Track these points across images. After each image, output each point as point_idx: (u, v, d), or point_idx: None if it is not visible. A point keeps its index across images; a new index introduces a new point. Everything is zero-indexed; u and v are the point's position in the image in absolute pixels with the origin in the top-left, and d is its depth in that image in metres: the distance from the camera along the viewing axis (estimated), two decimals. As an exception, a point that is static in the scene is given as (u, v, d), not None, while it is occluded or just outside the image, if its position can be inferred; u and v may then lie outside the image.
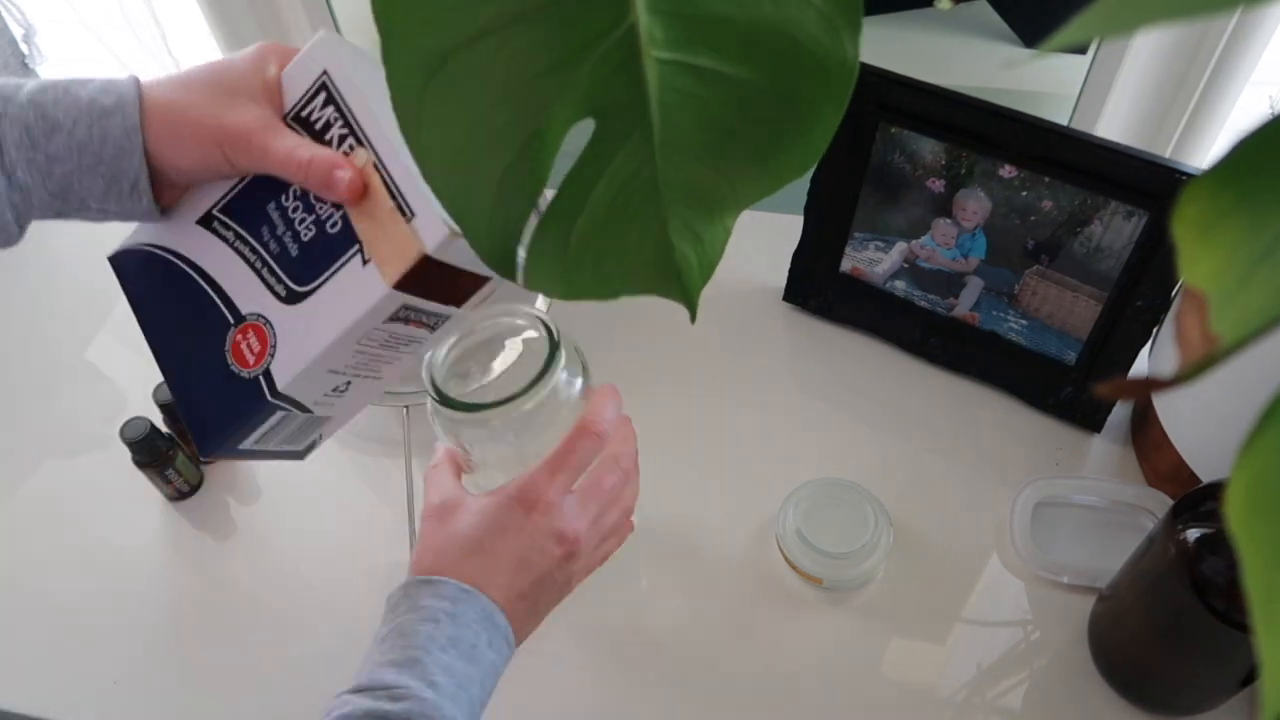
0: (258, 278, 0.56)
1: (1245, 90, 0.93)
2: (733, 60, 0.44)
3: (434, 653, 0.54)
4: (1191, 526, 0.61)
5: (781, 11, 0.43)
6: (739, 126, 0.47)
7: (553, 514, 0.59)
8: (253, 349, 0.56)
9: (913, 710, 0.73)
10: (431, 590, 0.57)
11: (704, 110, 0.46)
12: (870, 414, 0.90)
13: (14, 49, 1.10)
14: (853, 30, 0.43)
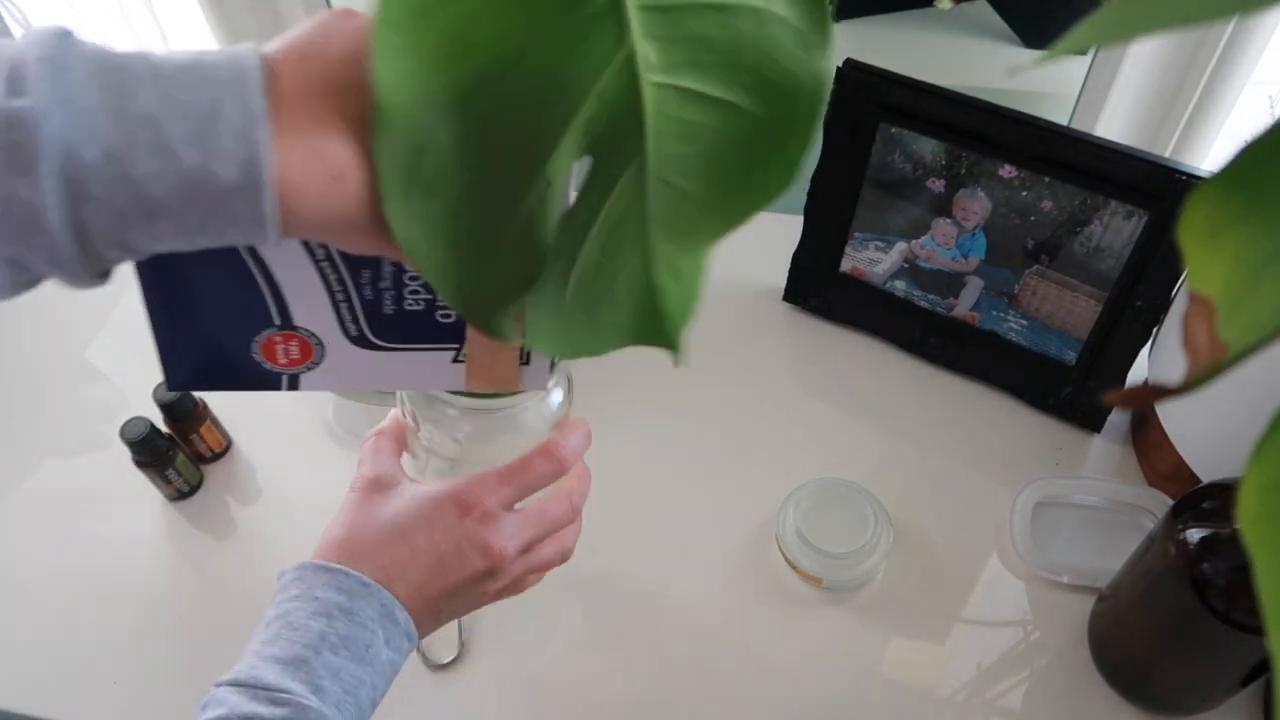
0: (332, 307, 0.51)
1: (1245, 90, 0.93)
2: (718, 80, 0.44)
3: (323, 653, 0.51)
4: (1191, 526, 0.61)
5: (762, 30, 0.43)
6: (724, 150, 0.47)
7: (487, 524, 0.55)
8: (289, 354, 0.53)
9: (913, 710, 0.73)
10: (329, 580, 0.53)
11: (694, 135, 0.46)
12: (870, 414, 0.90)
13: (13, 48, 1.10)
14: (824, 48, 0.43)
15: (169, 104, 0.36)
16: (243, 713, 0.48)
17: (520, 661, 0.77)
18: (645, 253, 0.49)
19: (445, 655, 0.77)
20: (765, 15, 0.42)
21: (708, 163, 0.47)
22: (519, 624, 0.79)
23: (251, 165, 0.37)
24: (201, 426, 0.87)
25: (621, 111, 0.43)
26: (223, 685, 0.50)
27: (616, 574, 0.81)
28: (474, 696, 0.76)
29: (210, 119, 0.36)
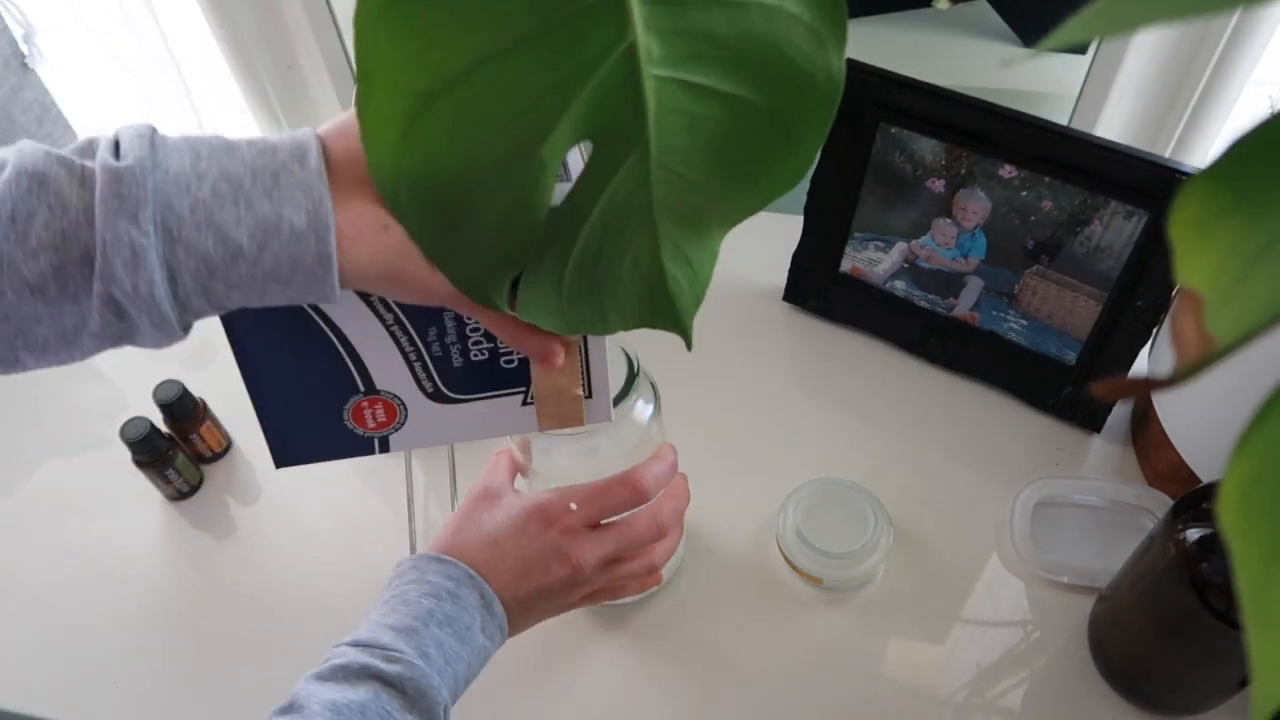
0: (407, 368, 0.55)
1: (1245, 90, 0.93)
2: (726, 75, 0.44)
3: (431, 627, 0.57)
4: (1191, 526, 0.61)
5: (772, 27, 0.42)
6: (731, 143, 0.47)
7: (566, 537, 0.61)
8: (377, 418, 0.57)
9: (913, 710, 0.73)
10: (441, 568, 0.59)
11: (698, 127, 0.46)
12: (870, 414, 0.90)
13: (14, 49, 1.10)
14: (839, 44, 0.43)
15: (244, 166, 0.44)
16: (361, 662, 0.55)
17: (518, 661, 0.77)
18: (652, 238, 0.49)
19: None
20: (776, 12, 0.42)
21: (716, 155, 0.47)
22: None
23: (317, 211, 0.43)
24: (201, 426, 0.87)
25: (621, 102, 0.43)
26: (343, 645, 0.57)
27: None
28: (473, 696, 0.75)
29: (280, 176, 0.44)
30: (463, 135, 0.41)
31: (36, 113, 1.15)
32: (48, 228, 0.43)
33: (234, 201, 0.43)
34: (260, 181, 0.43)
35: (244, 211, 0.43)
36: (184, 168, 0.43)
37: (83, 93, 1.25)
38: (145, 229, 0.42)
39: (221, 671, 0.79)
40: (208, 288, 0.44)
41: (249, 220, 0.43)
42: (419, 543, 0.83)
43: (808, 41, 0.43)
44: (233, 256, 0.43)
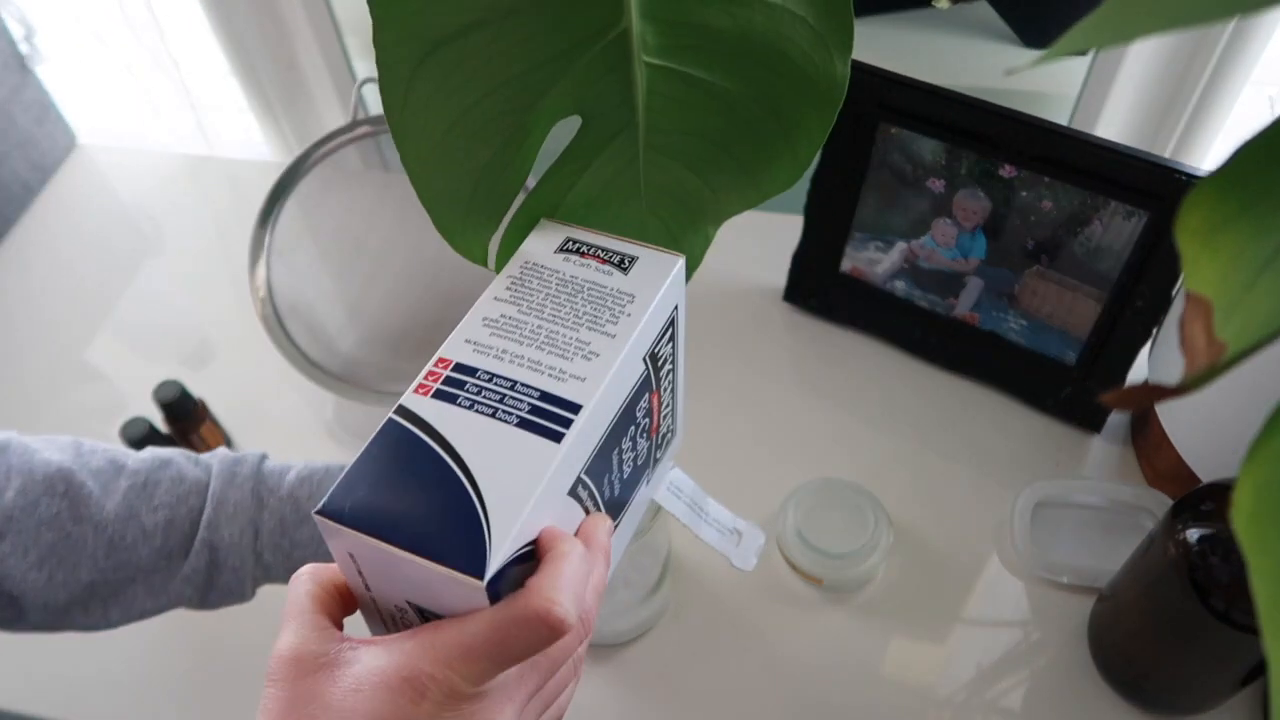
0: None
1: (1245, 90, 0.93)
2: (723, 71, 0.44)
3: None
4: (1191, 526, 0.61)
5: (774, 26, 0.42)
6: (726, 136, 0.47)
7: (454, 707, 0.38)
8: None
9: (913, 710, 0.73)
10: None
11: (692, 117, 0.46)
12: (870, 414, 0.90)
13: (14, 49, 1.10)
14: (844, 48, 0.43)
15: (324, 469, 0.64)
16: None
17: (520, 661, 0.77)
18: (639, 215, 0.50)
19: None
20: (779, 11, 0.42)
21: (711, 147, 0.48)
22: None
23: None
24: (202, 426, 0.87)
25: (611, 85, 0.44)
26: None
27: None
28: (474, 696, 0.75)
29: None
30: (458, 88, 0.42)
31: (36, 113, 1.15)
32: (169, 491, 0.60)
33: (309, 484, 0.62)
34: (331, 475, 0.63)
35: (316, 490, 0.61)
36: (282, 467, 0.64)
37: (83, 93, 1.25)
38: (245, 493, 0.61)
39: (221, 671, 0.79)
40: (278, 544, 0.61)
41: (319, 496, 0.57)
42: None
43: (810, 43, 0.43)
44: (301, 520, 0.60)
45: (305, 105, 1.19)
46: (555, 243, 0.46)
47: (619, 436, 0.45)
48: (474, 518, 0.37)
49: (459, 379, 0.41)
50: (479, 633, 0.37)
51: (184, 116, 1.32)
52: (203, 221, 1.15)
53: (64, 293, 1.08)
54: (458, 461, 0.39)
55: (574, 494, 0.42)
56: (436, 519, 0.37)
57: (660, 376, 0.48)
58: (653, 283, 0.45)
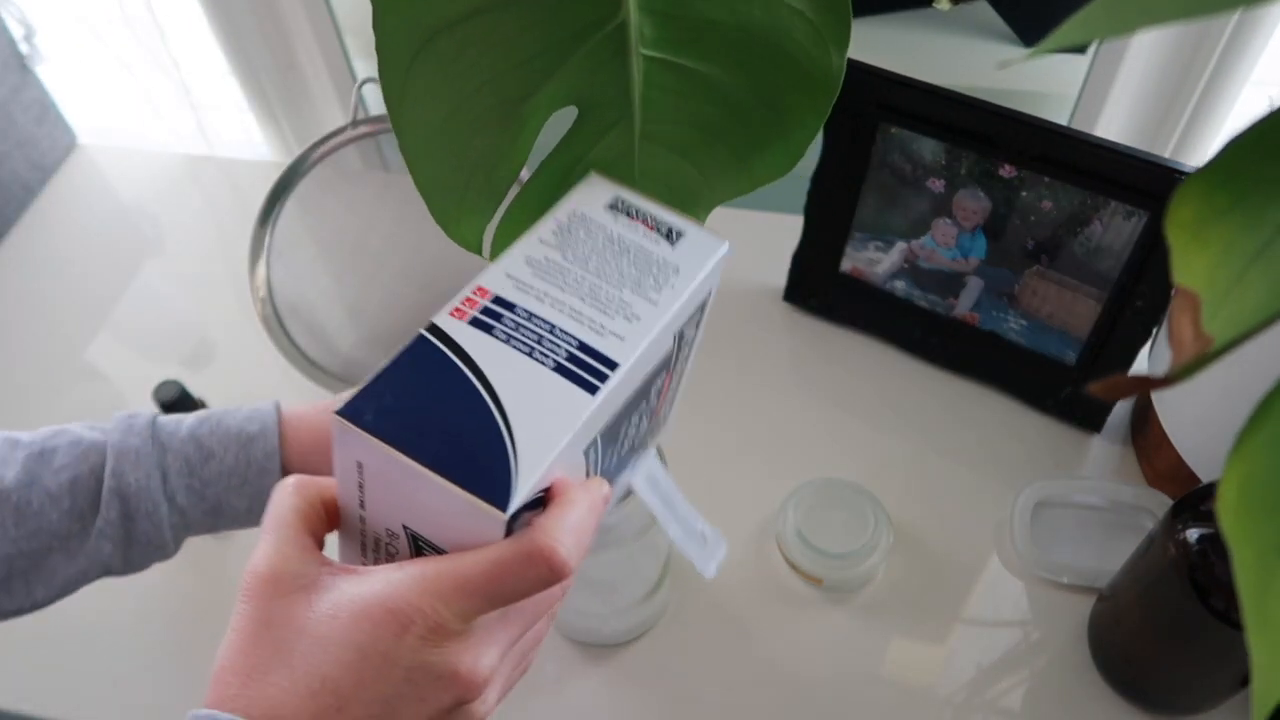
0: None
1: (1245, 90, 0.93)
2: (719, 63, 0.44)
3: None
4: (1191, 526, 0.61)
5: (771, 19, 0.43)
6: (721, 126, 0.47)
7: (438, 642, 0.37)
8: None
9: (913, 710, 0.73)
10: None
11: (688, 108, 0.46)
12: (870, 414, 0.90)
13: (14, 49, 1.10)
14: (840, 42, 0.43)
15: (223, 421, 0.62)
16: None
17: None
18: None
19: (444, 655, 0.77)
20: (777, 5, 0.42)
21: (706, 136, 0.48)
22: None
23: (265, 428, 0.61)
24: (201, 426, 0.87)
25: (608, 77, 0.44)
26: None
27: (616, 574, 0.81)
28: None
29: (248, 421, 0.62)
30: (456, 76, 0.42)
31: (36, 113, 1.15)
32: (67, 453, 0.58)
33: (208, 423, 0.61)
34: (231, 425, 0.61)
35: (216, 427, 0.60)
36: (176, 418, 0.61)
37: (83, 93, 1.25)
38: (144, 439, 0.59)
39: (221, 671, 0.79)
40: (188, 485, 0.59)
41: (219, 433, 0.60)
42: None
43: (808, 37, 0.43)
44: (206, 457, 0.59)
45: (305, 105, 1.19)
46: (605, 199, 0.46)
47: (632, 409, 0.45)
48: (501, 449, 0.36)
49: (497, 311, 0.40)
50: (479, 568, 0.36)
51: (184, 116, 1.32)
52: (203, 221, 1.15)
53: (64, 293, 1.08)
54: (489, 391, 0.37)
55: (587, 454, 0.41)
56: (464, 443, 0.36)
57: (679, 359, 0.48)
58: (698, 261, 0.44)
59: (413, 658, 0.36)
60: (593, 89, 0.45)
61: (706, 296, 0.46)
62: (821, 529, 0.78)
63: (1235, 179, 0.20)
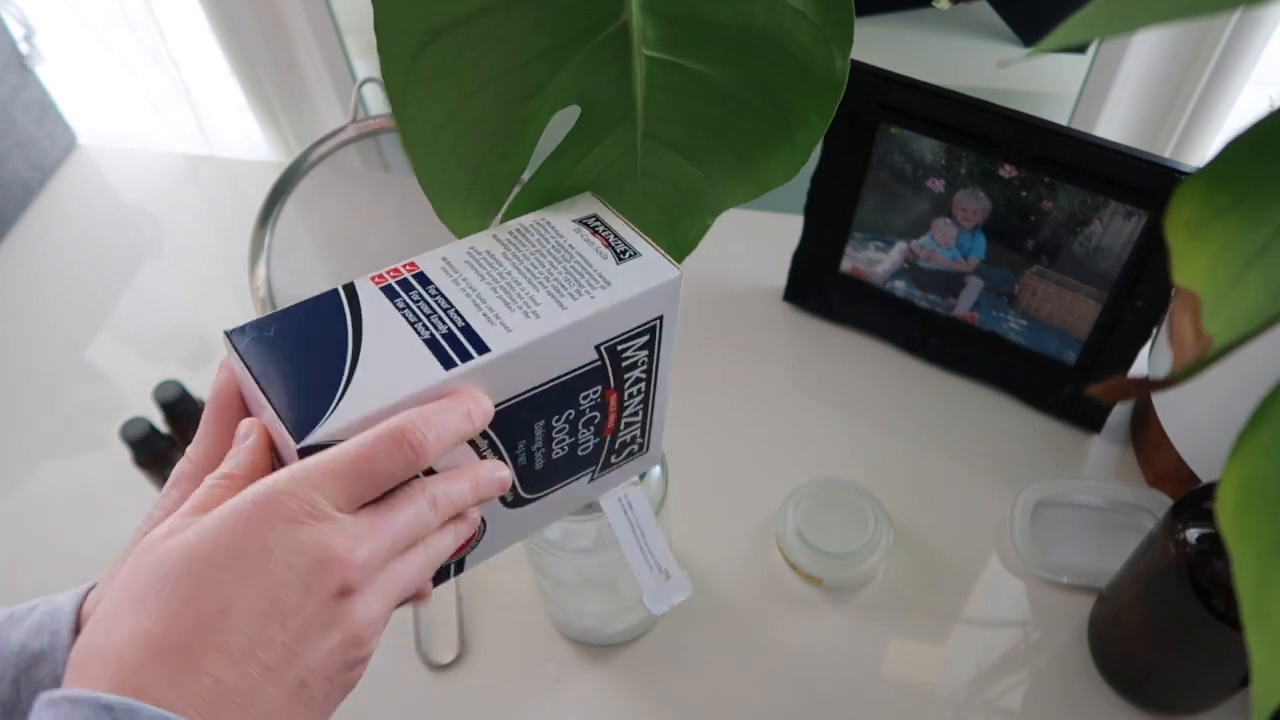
0: None
1: (1245, 90, 0.93)
2: (722, 64, 0.45)
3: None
4: (1191, 526, 0.61)
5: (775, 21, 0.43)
6: (724, 127, 0.48)
7: (314, 523, 0.37)
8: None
9: (913, 710, 0.73)
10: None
11: (690, 109, 0.46)
12: (870, 414, 0.90)
13: (14, 49, 1.10)
14: (844, 44, 0.43)
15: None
16: None
17: (520, 661, 0.77)
18: (635, 204, 0.51)
19: (445, 655, 0.77)
20: (780, 6, 0.42)
21: (711, 138, 0.48)
22: (518, 624, 0.79)
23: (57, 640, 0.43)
24: (201, 426, 0.87)
25: (610, 78, 0.44)
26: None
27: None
28: (474, 696, 0.75)
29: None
30: (458, 76, 0.42)
31: (36, 113, 1.15)
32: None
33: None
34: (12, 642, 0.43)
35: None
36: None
37: (83, 93, 1.25)
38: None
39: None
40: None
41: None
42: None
43: (811, 38, 0.43)
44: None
45: (305, 105, 1.19)
46: (580, 214, 0.47)
47: (547, 411, 0.46)
48: (331, 392, 0.39)
49: (411, 284, 0.43)
50: (343, 451, 0.38)
51: (184, 116, 1.32)
52: (203, 221, 1.15)
53: (64, 293, 1.08)
54: (355, 345, 0.41)
55: (476, 443, 0.44)
56: (305, 379, 0.40)
57: (624, 378, 0.48)
58: (637, 281, 0.45)
59: (290, 543, 0.36)
60: (595, 89, 0.45)
61: (653, 320, 0.46)
62: (821, 529, 0.78)
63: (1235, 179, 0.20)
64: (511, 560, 0.82)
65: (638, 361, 0.48)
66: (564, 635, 0.78)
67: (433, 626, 0.79)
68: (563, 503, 0.53)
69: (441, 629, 0.78)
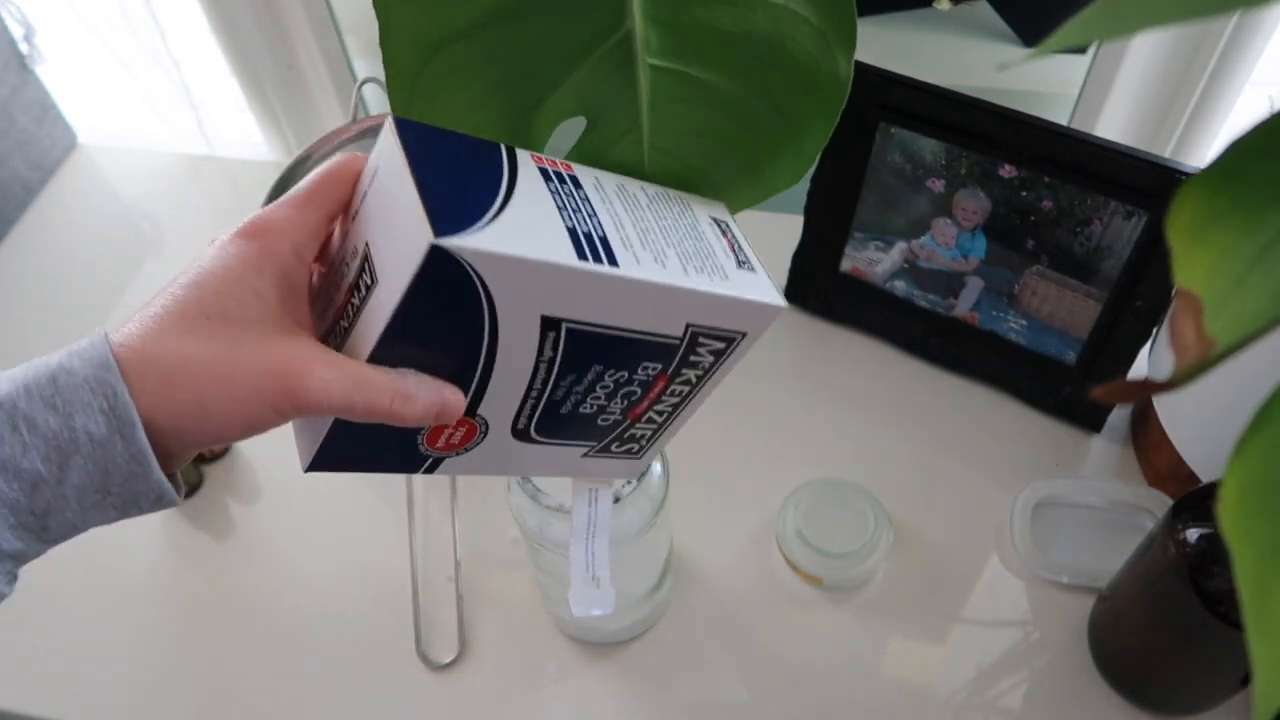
0: (520, 402, 0.47)
1: (1245, 90, 0.93)
2: (726, 71, 0.45)
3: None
4: (1191, 526, 0.61)
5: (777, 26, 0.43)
6: (730, 133, 0.48)
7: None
8: (452, 440, 0.48)
9: (913, 710, 0.73)
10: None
11: (696, 117, 0.47)
12: (870, 414, 0.90)
13: (14, 49, 1.10)
14: (847, 47, 0.43)
15: (15, 386, 0.39)
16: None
17: (520, 661, 0.77)
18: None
19: (445, 655, 0.77)
20: (782, 11, 0.42)
21: (716, 145, 0.48)
22: (519, 624, 0.79)
23: (114, 408, 0.38)
24: (201, 426, 0.87)
25: (615, 86, 0.44)
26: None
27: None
28: (474, 696, 0.76)
29: (58, 379, 0.39)
30: (463, 86, 0.42)
31: (36, 113, 1.15)
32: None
33: (11, 429, 0.37)
34: (38, 394, 0.38)
35: (28, 436, 0.37)
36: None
37: (83, 92, 1.25)
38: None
39: (221, 671, 0.79)
40: (16, 526, 0.40)
41: (37, 444, 0.37)
42: (419, 543, 0.83)
43: (814, 42, 0.43)
44: (32, 486, 0.38)
45: (305, 105, 1.19)
46: (714, 213, 0.49)
47: (610, 360, 0.46)
48: (483, 211, 0.39)
49: (564, 178, 0.44)
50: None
51: (184, 116, 1.32)
52: (203, 221, 1.15)
53: (64, 293, 1.08)
54: (509, 190, 0.40)
55: (545, 333, 0.43)
56: (460, 186, 0.39)
57: (681, 371, 0.49)
58: (750, 290, 0.46)
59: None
60: (601, 98, 0.45)
61: (736, 334, 0.48)
62: (821, 529, 0.78)
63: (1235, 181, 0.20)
64: (511, 560, 0.82)
65: (702, 363, 0.49)
66: (565, 633, 0.78)
67: (433, 626, 0.79)
68: (553, 462, 0.53)
69: (441, 629, 0.78)
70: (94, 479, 0.38)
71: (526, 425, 0.49)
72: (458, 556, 0.82)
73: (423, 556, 0.82)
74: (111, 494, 0.39)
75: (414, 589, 0.80)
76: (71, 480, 0.38)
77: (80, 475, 0.38)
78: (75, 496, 0.39)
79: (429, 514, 0.85)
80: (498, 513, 0.84)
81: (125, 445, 0.38)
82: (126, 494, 0.39)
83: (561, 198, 0.42)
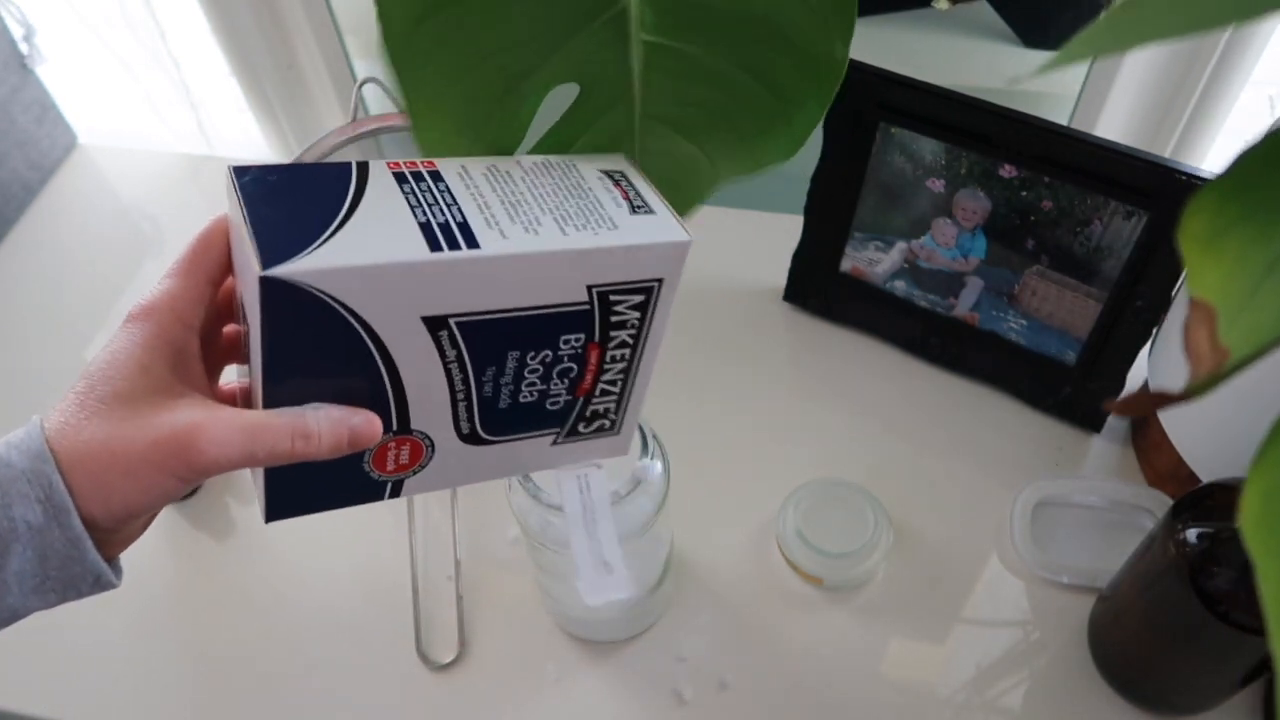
0: (451, 407, 0.47)
1: (1245, 90, 0.93)
2: (721, 49, 0.45)
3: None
4: (1191, 526, 0.61)
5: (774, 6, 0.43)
6: (724, 110, 0.48)
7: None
8: (399, 460, 0.49)
9: (913, 710, 0.73)
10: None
11: (689, 92, 0.47)
12: (870, 414, 0.90)
13: (14, 49, 1.09)
14: (844, 30, 0.43)
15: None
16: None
17: (520, 661, 0.77)
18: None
19: (445, 655, 0.77)
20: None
21: (709, 118, 0.48)
22: (519, 624, 0.79)
23: (50, 496, 0.39)
24: (202, 427, 0.87)
25: (608, 60, 0.44)
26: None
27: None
28: (474, 696, 0.76)
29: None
30: (456, 49, 0.42)
31: (36, 113, 1.15)
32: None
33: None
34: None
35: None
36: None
37: (83, 92, 1.25)
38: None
39: (221, 671, 0.79)
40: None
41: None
42: (419, 543, 0.83)
43: (810, 23, 0.43)
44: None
45: (305, 105, 1.19)
46: (608, 166, 0.48)
47: (523, 342, 0.45)
48: (314, 236, 0.39)
49: (423, 176, 0.44)
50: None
51: (184, 116, 1.32)
52: (203, 221, 1.15)
53: (64, 293, 1.08)
54: (351, 206, 0.41)
55: (439, 337, 0.43)
56: (293, 219, 0.40)
57: (610, 335, 0.48)
58: (645, 233, 0.45)
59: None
60: (593, 70, 0.45)
61: (652, 280, 0.46)
62: (821, 529, 0.78)
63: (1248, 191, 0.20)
64: (511, 560, 0.82)
65: (628, 321, 0.47)
66: (565, 631, 0.78)
67: (433, 626, 0.79)
68: (523, 458, 0.52)
69: (441, 629, 0.78)
70: (33, 564, 0.40)
71: (472, 429, 0.49)
72: (458, 556, 0.82)
73: (423, 556, 0.82)
74: (50, 578, 0.41)
75: (414, 589, 0.80)
76: (11, 567, 0.40)
77: (20, 561, 0.40)
78: (15, 582, 0.40)
79: (429, 514, 0.85)
80: (498, 513, 0.84)
81: (62, 531, 0.40)
82: (65, 577, 0.41)
83: (416, 196, 0.42)
